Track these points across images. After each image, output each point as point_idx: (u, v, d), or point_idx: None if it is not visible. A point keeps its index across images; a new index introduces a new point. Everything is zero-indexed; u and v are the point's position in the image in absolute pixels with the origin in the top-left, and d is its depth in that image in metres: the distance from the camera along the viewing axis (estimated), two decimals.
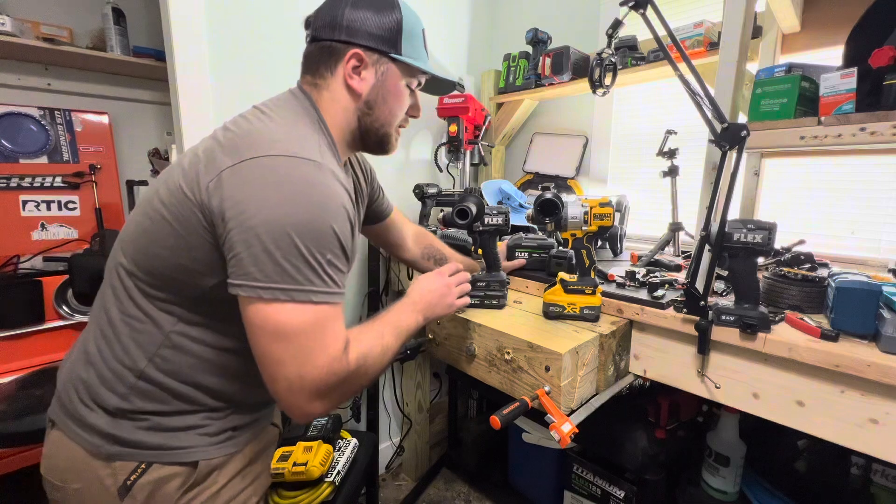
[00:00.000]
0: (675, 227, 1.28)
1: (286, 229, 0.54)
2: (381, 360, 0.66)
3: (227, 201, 0.55)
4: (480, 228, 0.99)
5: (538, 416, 0.77)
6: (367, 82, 0.70)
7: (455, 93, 1.66)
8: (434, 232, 1.32)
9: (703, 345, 0.80)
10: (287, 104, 0.68)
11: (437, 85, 0.80)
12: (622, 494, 1.24)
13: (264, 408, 0.76)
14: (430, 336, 1.01)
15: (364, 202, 0.92)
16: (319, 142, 0.65)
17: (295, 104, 0.68)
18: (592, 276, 0.92)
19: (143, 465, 0.62)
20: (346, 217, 0.59)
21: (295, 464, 1.04)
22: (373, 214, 0.99)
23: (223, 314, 0.64)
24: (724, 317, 0.78)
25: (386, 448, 1.90)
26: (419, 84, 0.77)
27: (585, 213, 0.90)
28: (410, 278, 1.55)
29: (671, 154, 1.27)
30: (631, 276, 1.01)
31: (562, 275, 0.95)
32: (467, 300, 0.89)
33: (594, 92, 1.02)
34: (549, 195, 0.91)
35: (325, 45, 0.69)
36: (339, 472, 1.09)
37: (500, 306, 1.00)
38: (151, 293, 0.63)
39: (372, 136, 0.74)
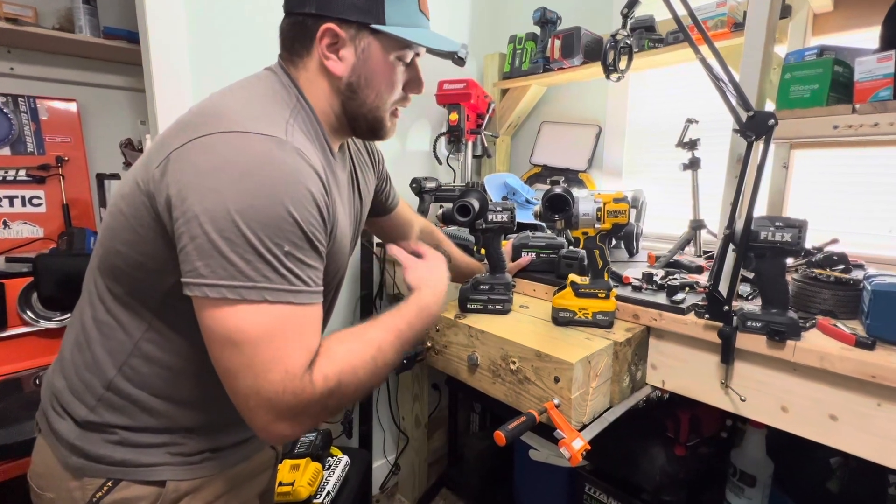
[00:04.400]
0: (697, 225, 1.28)
1: (231, 216, 0.51)
2: (368, 378, 0.60)
3: (172, 187, 0.53)
4: (483, 226, 0.99)
5: (547, 431, 0.76)
6: (347, 62, 0.66)
7: (456, 78, 1.66)
8: None
9: (727, 353, 0.80)
10: (260, 80, 0.66)
11: (439, 50, 0.74)
12: None
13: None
14: (429, 344, 1.01)
15: (370, 192, 0.90)
16: (290, 120, 0.61)
17: (270, 80, 0.66)
18: (606, 279, 0.92)
19: (109, 483, 0.63)
20: (310, 200, 0.55)
21: (281, 483, 1.04)
22: (378, 206, 0.97)
23: (193, 320, 0.64)
24: (749, 323, 0.78)
25: (380, 466, 1.90)
26: (416, 54, 0.71)
27: (598, 209, 0.90)
28: None
29: (692, 145, 1.26)
30: (648, 278, 1.01)
31: (572, 277, 0.95)
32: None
33: (608, 77, 1.02)
34: (558, 190, 0.91)
35: (296, 21, 0.66)
36: (328, 493, 1.10)
37: (505, 311, 1.00)
38: (119, 296, 0.64)
39: (361, 122, 0.70)
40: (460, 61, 0.75)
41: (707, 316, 0.82)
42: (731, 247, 0.79)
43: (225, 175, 0.52)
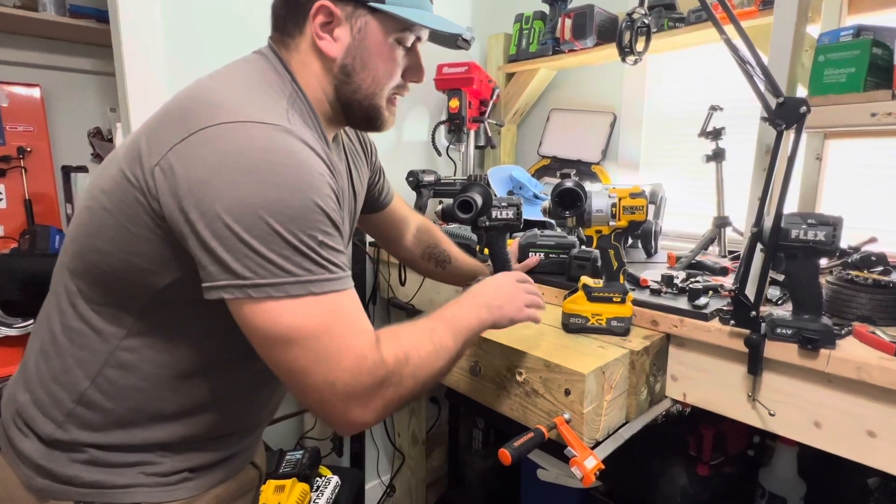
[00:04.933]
0: (721, 223, 1.28)
1: (258, 212, 0.53)
2: (433, 361, 0.63)
3: (182, 186, 0.54)
4: (487, 224, 0.99)
5: (557, 448, 0.76)
6: (342, 43, 0.67)
7: (456, 61, 1.66)
8: None
9: (755, 363, 0.80)
10: (250, 65, 0.67)
11: (441, 36, 0.74)
12: None
13: (236, 444, 0.75)
14: None
15: (364, 187, 0.90)
16: (288, 108, 0.63)
17: (262, 65, 0.67)
18: (622, 281, 0.92)
19: None
20: (326, 185, 0.58)
21: None
22: (371, 202, 0.98)
23: (180, 325, 0.64)
24: (779, 330, 0.78)
25: (373, 487, 1.90)
26: (418, 39, 0.72)
27: (613, 205, 0.90)
28: (403, 283, 1.55)
29: (716, 134, 1.26)
30: (668, 280, 1.01)
31: (585, 279, 0.95)
32: (538, 314, 0.82)
33: (623, 60, 1.02)
34: (569, 184, 0.91)
35: None
36: None
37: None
38: (96, 299, 0.63)
39: (356, 110, 0.71)
40: (465, 44, 0.75)
41: (732, 322, 0.82)
42: (759, 246, 0.79)
43: (239, 169, 0.53)
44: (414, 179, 1.58)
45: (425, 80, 0.76)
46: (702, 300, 0.91)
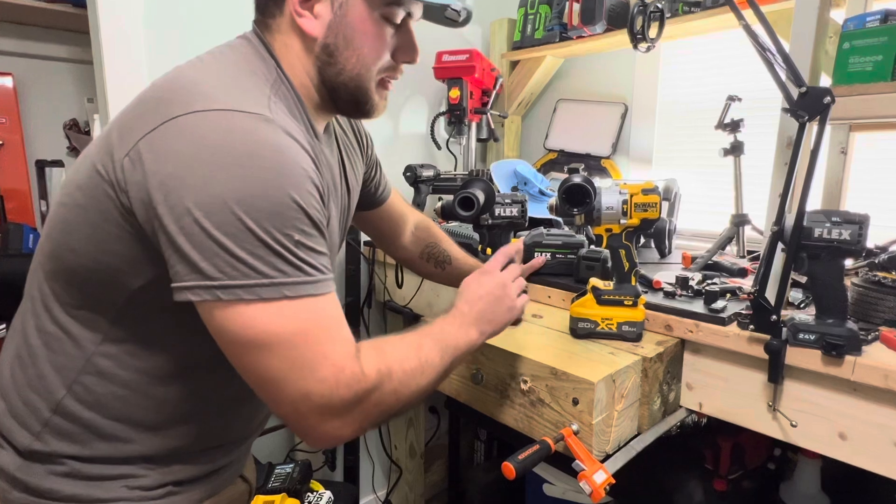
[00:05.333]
0: (740, 221, 1.28)
1: (230, 207, 0.52)
2: (418, 378, 0.63)
3: (151, 179, 0.53)
4: (490, 222, 0.99)
5: (564, 462, 0.76)
6: (322, 20, 0.66)
7: (457, 48, 1.66)
8: None
9: (776, 371, 0.80)
10: (233, 50, 0.67)
11: (428, 8, 0.71)
12: None
13: (223, 457, 0.76)
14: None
15: (358, 181, 0.90)
16: (271, 96, 0.62)
17: (245, 50, 0.67)
18: (633, 284, 0.92)
19: None
20: (308, 181, 0.57)
21: None
22: (367, 198, 0.98)
23: (158, 330, 0.64)
24: (801, 335, 0.78)
25: (368, 503, 1.90)
26: (409, 15, 0.70)
27: (624, 202, 0.90)
28: (400, 286, 1.55)
29: (734, 126, 1.26)
30: (683, 282, 1.01)
31: (594, 281, 0.95)
32: (527, 298, 0.84)
33: (635, 47, 1.02)
34: (577, 179, 0.91)
35: None
36: None
37: (516, 321, 1.00)
38: (71, 302, 0.64)
39: (342, 94, 0.70)
40: (455, 14, 0.72)
41: (752, 327, 0.82)
42: (780, 246, 0.79)
43: (214, 161, 0.53)
44: (411, 174, 1.58)
45: (424, 67, 0.76)
46: (719, 303, 0.91)
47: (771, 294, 0.79)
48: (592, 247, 1.17)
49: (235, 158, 0.53)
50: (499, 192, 1.02)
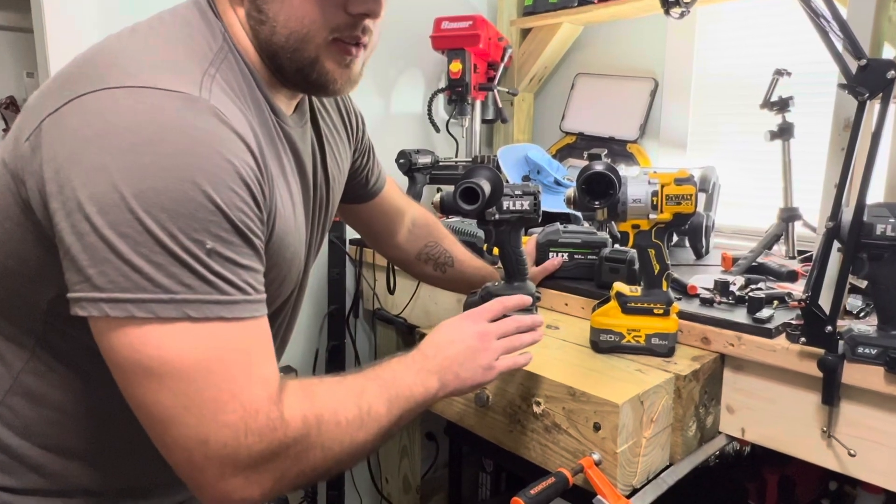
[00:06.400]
0: (789, 216, 1.29)
1: (128, 203, 0.49)
2: (354, 431, 0.60)
3: (47, 167, 0.52)
4: (497, 217, 0.99)
5: (584, 498, 0.76)
6: None
7: (459, 14, 1.66)
8: None
9: (830, 391, 0.80)
10: (176, 15, 0.63)
11: None
12: None
13: (180, 492, 0.75)
14: None
15: (342, 170, 0.88)
16: (210, 70, 0.59)
17: (191, 14, 0.63)
18: (665, 289, 0.92)
19: None
20: (233, 177, 0.54)
21: None
22: (357, 189, 0.97)
23: (91, 345, 0.63)
24: (861, 349, 0.78)
25: None
26: None
27: (654, 193, 0.90)
28: (392, 291, 1.55)
29: (783, 105, 1.27)
30: (722, 288, 1.01)
31: (618, 286, 0.95)
32: (520, 360, 0.78)
33: (667, 12, 1.01)
34: (599, 167, 0.91)
35: None
36: None
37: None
38: None
39: (284, 62, 0.64)
40: None
41: (803, 340, 0.82)
42: (837, 245, 0.79)
43: (113, 146, 0.50)
44: (406, 162, 1.58)
45: (420, 37, 0.75)
46: (764, 312, 0.91)
47: (825, 301, 0.79)
48: (617, 246, 1.17)
49: (136, 143, 0.50)
50: (507, 181, 1.02)
